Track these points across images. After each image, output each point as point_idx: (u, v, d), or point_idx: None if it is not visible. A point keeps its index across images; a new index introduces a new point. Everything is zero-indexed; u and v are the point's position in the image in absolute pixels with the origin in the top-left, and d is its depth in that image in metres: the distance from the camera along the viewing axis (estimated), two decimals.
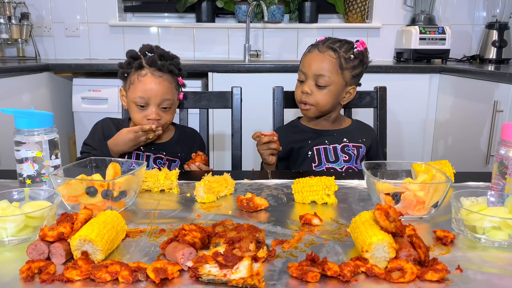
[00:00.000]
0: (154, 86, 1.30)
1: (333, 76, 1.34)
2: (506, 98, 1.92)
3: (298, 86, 1.41)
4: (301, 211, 0.90)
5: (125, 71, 1.34)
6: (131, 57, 1.34)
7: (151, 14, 3.16)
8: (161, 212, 0.90)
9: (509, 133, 0.90)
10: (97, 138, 1.38)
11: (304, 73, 1.38)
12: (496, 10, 2.84)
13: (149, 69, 1.31)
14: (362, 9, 3.00)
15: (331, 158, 1.38)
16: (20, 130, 0.92)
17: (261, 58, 3.05)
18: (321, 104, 1.37)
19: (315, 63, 1.35)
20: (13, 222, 0.73)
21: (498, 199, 0.85)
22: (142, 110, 1.32)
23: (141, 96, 1.30)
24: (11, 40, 2.80)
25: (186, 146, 1.44)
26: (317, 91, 1.36)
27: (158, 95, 1.30)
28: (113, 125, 1.42)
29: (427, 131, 2.56)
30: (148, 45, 1.36)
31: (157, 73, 1.31)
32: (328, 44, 1.36)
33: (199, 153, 1.29)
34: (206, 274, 0.62)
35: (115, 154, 1.29)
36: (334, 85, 1.35)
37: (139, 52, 1.35)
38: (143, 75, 1.31)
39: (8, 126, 1.06)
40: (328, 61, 1.34)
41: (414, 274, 0.63)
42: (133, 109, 1.33)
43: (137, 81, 1.31)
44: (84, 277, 0.63)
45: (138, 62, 1.32)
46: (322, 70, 1.34)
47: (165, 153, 1.39)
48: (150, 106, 1.31)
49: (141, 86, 1.30)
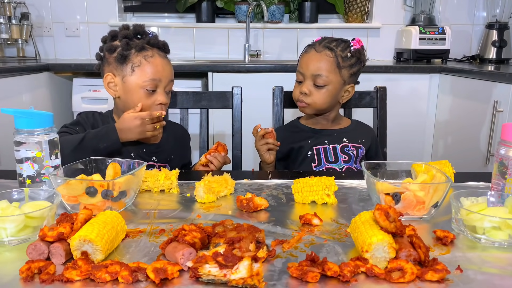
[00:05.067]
0: (165, 67, 1.24)
1: (331, 75, 1.35)
2: (505, 98, 1.92)
3: (296, 87, 1.41)
4: (301, 211, 0.90)
5: (124, 53, 1.22)
6: (124, 36, 1.22)
7: (151, 14, 3.16)
8: (161, 212, 0.90)
9: (509, 133, 0.90)
10: (82, 128, 1.27)
11: (301, 74, 1.38)
12: (496, 10, 2.84)
13: (152, 49, 1.24)
14: (362, 9, 3.00)
15: (331, 159, 1.38)
16: (20, 130, 0.92)
17: (261, 58, 3.05)
18: (319, 103, 1.37)
19: (312, 63, 1.35)
20: (13, 222, 0.72)
21: (498, 199, 0.85)
22: (151, 95, 1.23)
23: (153, 78, 1.21)
24: (11, 40, 2.80)
25: (177, 147, 1.39)
26: (315, 91, 1.36)
27: (168, 77, 1.24)
28: (100, 118, 1.32)
29: (427, 131, 2.56)
30: (127, 25, 1.27)
31: (161, 53, 1.25)
32: (324, 44, 1.36)
33: (220, 143, 1.24)
34: (206, 274, 0.62)
35: (121, 140, 1.19)
36: (332, 84, 1.36)
37: (124, 33, 1.24)
38: (151, 56, 1.22)
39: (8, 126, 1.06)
40: (325, 60, 1.34)
41: (414, 274, 0.63)
42: (139, 95, 1.22)
43: (146, 62, 1.21)
44: (84, 277, 0.63)
45: (139, 43, 1.22)
46: (320, 70, 1.34)
47: (156, 160, 1.31)
48: (159, 90, 1.23)
49: (151, 68, 1.21)
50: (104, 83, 1.28)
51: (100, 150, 1.14)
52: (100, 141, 1.15)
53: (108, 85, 1.27)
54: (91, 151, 1.10)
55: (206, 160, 1.24)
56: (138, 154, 1.28)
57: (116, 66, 1.24)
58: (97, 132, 1.18)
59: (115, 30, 1.28)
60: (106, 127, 1.19)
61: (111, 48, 1.24)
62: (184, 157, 1.44)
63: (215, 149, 1.25)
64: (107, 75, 1.26)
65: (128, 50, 1.22)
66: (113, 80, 1.26)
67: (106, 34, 1.29)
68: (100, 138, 1.16)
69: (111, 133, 1.16)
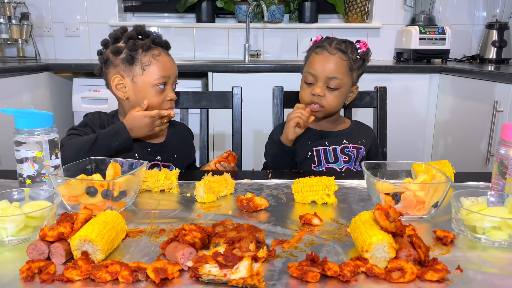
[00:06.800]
0: (172, 64, 1.28)
1: (345, 78, 1.34)
2: (506, 98, 1.92)
3: (306, 88, 1.38)
4: (301, 211, 0.90)
5: (132, 54, 1.23)
6: (130, 38, 1.24)
7: (151, 14, 3.16)
8: (161, 212, 0.90)
9: (509, 133, 0.90)
10: (90, 129, 1.27)
11: (313, 76, 1.35)
12: (496, 10, 2.84)
13: (157, 48, 1.26)
14: (362, 9, 3.00)
15: (331, 159, 1.38)
16: (20, 130, 0.92)
17: (261, 58, 3.05)
18: (333, 105, 1.36)
19: (327, 65, 1.33)
20: (13, 222, 0.72)
21: (498, 199, 0.85)
22: (161, 93, 1.25)
23: (163, 76, 1.24)
24: (11, 40, 2.80)
25: (181, 146, 1.39)
26: (328, 93, 1.35)
27: (175, 73, 1.29)
28: (106, 118, 1.33)
29: (427, 131, 2.56)
30: (125, 27, 1.28)
31: (166, 51, 1.29)
32: (335, 46, 1.35)
33: (232, 153, 1.26)
34: (206, 274, 0.62)
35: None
36: (345, 86, 1.35)
37: (128, 35, 1.25)
38: (158, 54, 1.25)
39: (8, 126, 1.06)
40: (340, 63, 1.33)
41: (414, 274, 0.63)
42: (150, 94, 1.24)
43: (155, 61, 1.24)
44: (84, 277, 0.63)
45: (146, 43, 1.24)
46: (335, 72, 1.32)
47: (160, 159, 1.32)
48: (167, 86, 1.27)
49: (161, 66, 1.24)
50: (111, 85, 1.28)
51: (113, 149, 1.17)
52: (112, 140, 1.17)
53: (116, 87, 1.27)
54: (105, 151, 1.13)
55: (215, 168, 1.25)
56: (142, 154, 1.28)
57: (124, 67, 1.25)
58: (108, 131, 1.19)
59: (115, 32, 1.28)
60: (116, 126, 1.20)
61: (117, 50, 1.24)
62: (189, 156, 1.44)
63: (225, 158, 1.26)
64: (114, 77, 1.26)
65: (135, 50, 1.23)
66: (122, 82, 1.26)
67: (106, 38, 1.30)
68: (112, 137, 1.17)
69: (122, 131, 1.18)
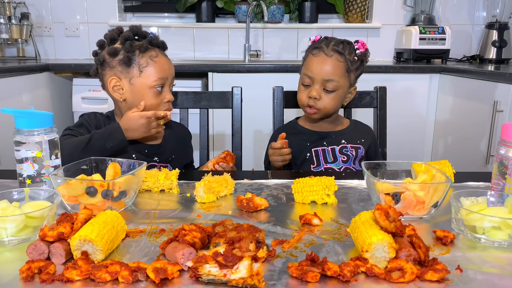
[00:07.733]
0: (169, 65, 1.27)
1: (342, 80, 1.33)
2: (506, 98, 1.92)
3: (303, 90, 1.37)
4: (301, 211, 0.90)
5: (129, 56, 1.21)
6: (126, 39, 1.22)
7: (151, 14, 3.16)
8: (161, 212, 0.90)
9: (509, 133, 0.90)
10: (85, 129, 1.26)
11: (310, 78, 1.34)
12: (496, 10, 2.84)
13: (154, 49, 1.25)
14: (362, 9, 3.00)
15: (329, 159, 1.37)
16: (20, 130, 0.92)
17: (261, 58, 3.05)
18: (329, 108, 1.36)
19: (323, 67, 1.32)
20: (13, 222, 0.72)
21: (498, 199, 0.85)
22: (159, 94, 1.24)
23: (161, 77, 1.23)
24: (11, 40, 2.80)
25: (178, 146, 1.39)
26: (325, 95, 1.34)
27: (172, 74, 1.28)
28: (102, 119, 1.32)
29: (427, 131, 2.56)
30: (121, 27, 1.27)
31: (163, 52, 1.28)
32: (333, 47, 1.33)
33: (230, 153, 1.26)
34: (206, 274, 0.62)
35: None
36: (342, 88, 1.35)
37: (125, 36, 1.23)
38: (155, 56, 1.24)
39: (8, 126, 1.06)
40: (336, 65, 1.32)
41: (414, 274, 0.63)
42: (148, 95, 1.23)
43: (152, 62, 1.23)
44: (84, 277, 0.63)
45: (143, 44, 1.22)
46: (332, 75, 1.32)
47: (158, 160, 1.31)
48: (165, 88, 1.26)
49: (158, 67, 1.23)
50: (108, 87, 1.26)
51: (107, 150, 1.15)
52: (107, 141, 1.16)
53: (113, 89, 1.25)
54: (99, 152, 1.10)
55: (213, 168, 1.25)
56: (139, 155, 1.28)
57: (122, 69, 1.23)
58: (103, 132, 1.18)
59: (111, 33, 1.26)
60: (111, 127, 1.19)
61: (113, 51, 1.23)
62: (186, 156, 1.44)
63: (223, 158, 1.25)
64: (111, 79, 1.24)
65: (132, 52, 1.22)
66: (119, 84, 1.25)
67: (101, 38, 1.29)
68: (107, 138, 1.16)
69: (117, 132, 1.17)
